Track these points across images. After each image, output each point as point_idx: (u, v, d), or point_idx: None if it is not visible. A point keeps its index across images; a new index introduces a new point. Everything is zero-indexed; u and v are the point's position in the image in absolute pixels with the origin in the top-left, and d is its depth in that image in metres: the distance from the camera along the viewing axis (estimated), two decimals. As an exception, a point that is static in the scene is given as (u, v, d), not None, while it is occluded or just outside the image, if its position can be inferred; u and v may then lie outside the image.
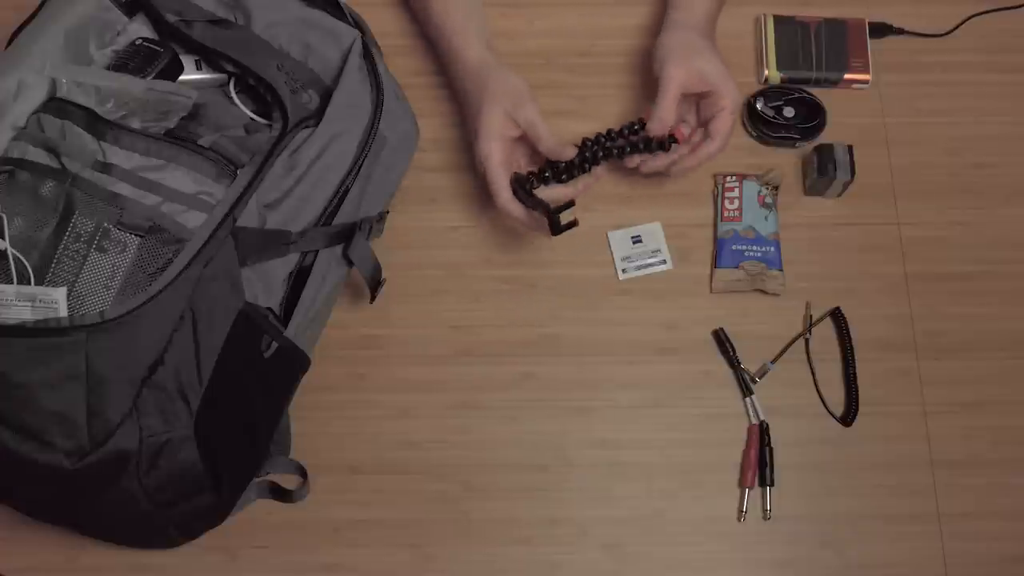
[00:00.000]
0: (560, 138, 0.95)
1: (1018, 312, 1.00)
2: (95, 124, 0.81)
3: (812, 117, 1.05)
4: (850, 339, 0.97)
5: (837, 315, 0.98)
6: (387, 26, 1.03)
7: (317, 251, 0.86)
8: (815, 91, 1.07)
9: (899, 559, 0.91)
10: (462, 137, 1.05)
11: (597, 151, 0.96)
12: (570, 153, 0.95)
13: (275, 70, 0.89)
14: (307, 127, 0.87)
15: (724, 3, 1.06)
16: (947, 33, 1.11)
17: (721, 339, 0.98)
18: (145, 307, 0.74)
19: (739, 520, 0.92)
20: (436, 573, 0.91)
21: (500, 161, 0.94)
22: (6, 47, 0.87)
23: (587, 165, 0.96)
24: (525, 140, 0.97)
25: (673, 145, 0.97)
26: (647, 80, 1.07)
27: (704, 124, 0.98)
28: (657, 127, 0.96)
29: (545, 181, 0.95)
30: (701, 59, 0.97)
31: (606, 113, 1.06)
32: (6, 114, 0.81)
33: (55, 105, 0.82)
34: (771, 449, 0.94)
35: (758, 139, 1.06)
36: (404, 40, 1.09)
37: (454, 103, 1.06)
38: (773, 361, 0.97)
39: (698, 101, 0.99)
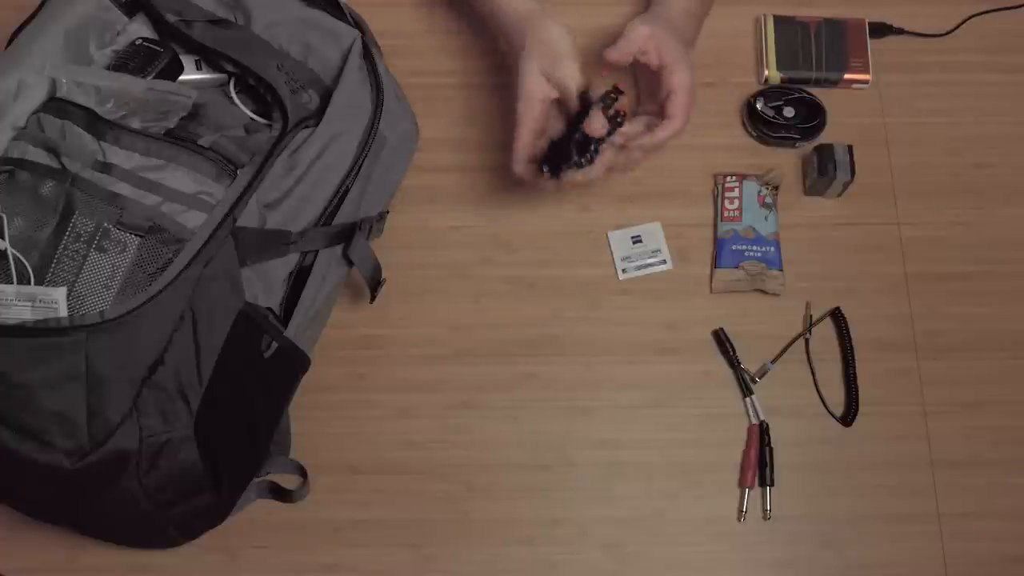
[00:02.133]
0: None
1: (1018, 312, 1.00)
2: (95, 124, 0.81)
3: (812, 117, 1.05)
4: (850, 339, 0.97)
5: (837, 315, 0.98)
6: (387, 26, 1.03)
7: (317, 251, 0.86)
8: (815, 91, 1.07)
9: (899, 559, 0.91)
10: (462, 137, 1.05)
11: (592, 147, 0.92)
12: (599, 128, 0.90)
13: (275, 70, 0.89)
14: (307, 127, 0.87)
15: (710, 5, 1.05)
16: (947, 33, 1.11)
17: (721, 339, 0.98)
18: (145, 307, 0.74)
19: (739, 520, 0.92)
20: (437, 573, 0.91)
21: (532, 129, 0.92)
22: (6, 47, 0.87)
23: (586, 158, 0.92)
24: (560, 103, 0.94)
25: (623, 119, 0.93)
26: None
27: (661, 107, 0.94)
28: (614, 55, 0.92)
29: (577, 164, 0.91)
30: (665, 35, 0.94)
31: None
32: (6, 114, 0.81)
33: (55, 105, 0.82)
34: (771, 449, 0.94)
35: (758, 139, 1.06)
36: (404, 40, 1.09)
37: (454, 103, 1.06)
38: (773, 361, 0.97)
39: (654, 86, 0.96)
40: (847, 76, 1.08)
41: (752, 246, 1.00)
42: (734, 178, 1.03)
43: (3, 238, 0.77)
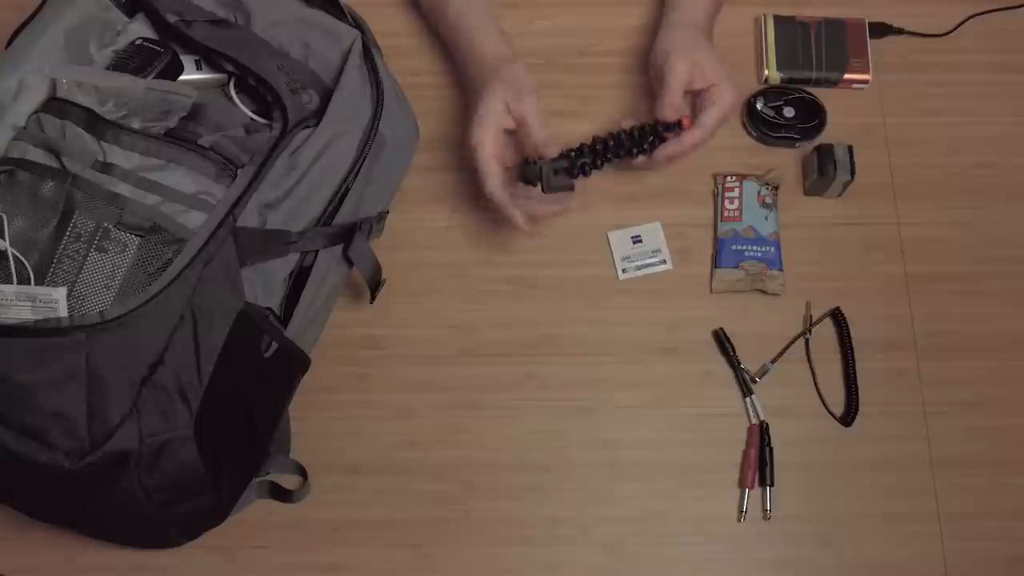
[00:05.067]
0: (556, 138, 0.95)
1: (1018, 312, 1.00)
2: (95, 124, 0.81)
3: (812, 117, 1.05)
4: (850, 339, 0.97)
5: (837, 315, 0.98)
6: (387, 26, 1.03)
7: (317, 251, 0.86)
8: (815, 91, 1.07)
9: (899, 559, 0.91)
10: (462, 137, 1.05)
11: (605, 153, 0.95)
12: (552, 152, 0.94)
13: (275, 70, 0.88)
14: (307, 127, 0.87)
15: (722, 4, 1.06)
16: (947, 33, 1.11)
17: (721, 339, 0.98)
18: (145, 307, 0.74)
19: (739, 520, 0.92)
20: (436, 573, 0.91)
21: (491, 153, 0.94)
22: (6, 47, 0.87)
23: (599, 162, 0.95)
24: (516, 135, 0.96)
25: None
26: (647, 80, 1.07)
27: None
28: (671, 113, 0.95)
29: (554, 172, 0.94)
30: (702, 54, 0.97)
31: (606, 113, 1.06)
32: (6, 114, 0.81)
33: (55, 105, 0.82)
34: (771, 449, 0.94)
35: (758, 139, 1.06)
36: (404, 40, 1.09)
37: (454, 103, 1.07)
38: (773, 361, 0.97)
39: (694, 100, 0.99)
40: (847, 76, 1.08)
41: (752, 246, 1.00)
42: (734, 178, 1.03)
43: (3, 238, 0.77)
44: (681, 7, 1.02)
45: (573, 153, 0.94)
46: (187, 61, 0.90)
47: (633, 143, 0.96)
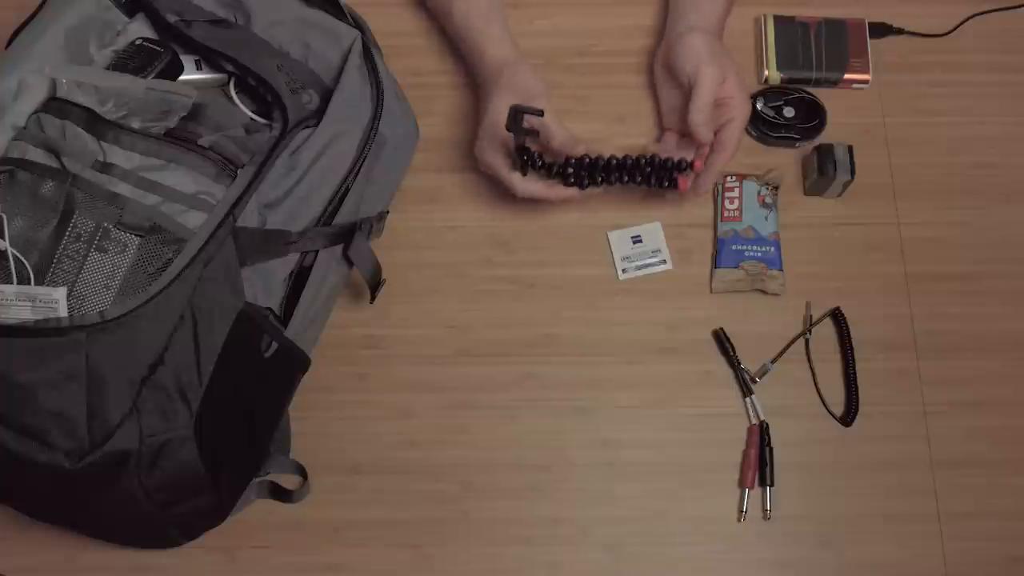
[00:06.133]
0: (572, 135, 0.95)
1: (1018, 312, 1.00)
2: (95, 124, 0.81)
3: (812, 117, 1.05)
4: (850, 339, 0.97)
5: (837, 315, 0.98)
6: (387, 26, 1.03)
7: (317, 251, 0.86)
8: (815, 91, 1.07)
9: (899, 559, 0.91)
10: (462, 137, 1.05)
11: (608, 175, 0.95)
12: (581, 150, 0.94)
13: (275, 70, 0.89)
14: (307, 127, 0.87)
15: (733, 5, 1.06)
16: (947, 33, 1.11)
17: (721, 339, 0.98)
18: (145, 307, 0.74)
19: (739, 520, 0.92)
20: (436, 573, 0.91)
21: (503, 163, 0.95)
22: (6, 47, 0.87)
23: (585, 182, 0.95)
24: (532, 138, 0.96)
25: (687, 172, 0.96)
26: (647, 80, 1.07)
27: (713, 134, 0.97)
28: (703, 133, 0.94)
29: (547, 169, 0.94)
30: (727, 65, 0.97)
31: (606, 113, 1.06)
32: (6, 114, 0.81)
33: (55, 105, 0.82)
34: (771, 449, 0.94)
35: (758, 139, 1.06)
36: (404, 40, 1.09)
37: (454, 103, 1.07)
38: (773, 361, 0.97)
39: (676, 101, 1.00)
40: (847, 76, 1.08)
41: (752, 246, 1.00)
42: (734, 178, 1.03)
43: (3, 238, 0.77)
44: (698, 9, 1.02)
45: (570, 169, 0.94)
46: (187, 61, 0.90)
47: (639, 173, 0.95)
